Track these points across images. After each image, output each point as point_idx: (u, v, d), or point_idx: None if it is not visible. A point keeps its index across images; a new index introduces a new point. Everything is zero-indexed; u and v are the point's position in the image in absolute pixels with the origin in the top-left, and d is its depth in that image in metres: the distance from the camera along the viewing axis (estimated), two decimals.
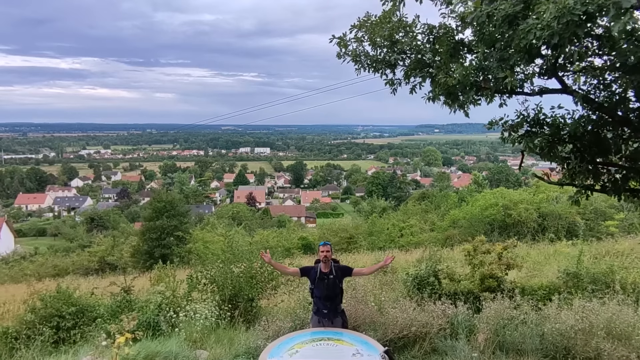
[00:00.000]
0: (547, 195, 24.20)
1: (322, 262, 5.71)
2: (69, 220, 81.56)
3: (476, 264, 7.20)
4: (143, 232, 26.65)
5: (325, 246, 5.81)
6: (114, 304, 7.32)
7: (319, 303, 5.75)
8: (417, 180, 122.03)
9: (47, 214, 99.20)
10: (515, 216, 23.28)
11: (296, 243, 26.66)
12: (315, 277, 5.70)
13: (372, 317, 6.32)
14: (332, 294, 5.70)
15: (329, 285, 5.68)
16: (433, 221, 31.03)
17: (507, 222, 23.84)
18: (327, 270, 5.72)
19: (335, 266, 5.80)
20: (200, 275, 7.52)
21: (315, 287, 5.75)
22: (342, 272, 5.81)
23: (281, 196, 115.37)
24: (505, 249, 7.26)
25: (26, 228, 79.35)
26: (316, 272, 5.73)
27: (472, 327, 6.07)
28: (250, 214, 59.62)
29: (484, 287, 6.89)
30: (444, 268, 7.45)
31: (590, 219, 25.28)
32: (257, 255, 7.58)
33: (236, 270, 7.32)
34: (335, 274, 5.72)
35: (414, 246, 23.60)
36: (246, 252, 7.79)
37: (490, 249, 7.25)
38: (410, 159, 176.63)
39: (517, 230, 23.59)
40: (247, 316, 6.94)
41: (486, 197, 25.21)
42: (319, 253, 5.79)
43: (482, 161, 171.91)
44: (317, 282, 5.70)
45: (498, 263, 7.03)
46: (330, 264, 5.75)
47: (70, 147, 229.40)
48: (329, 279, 5.68)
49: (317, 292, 5.74)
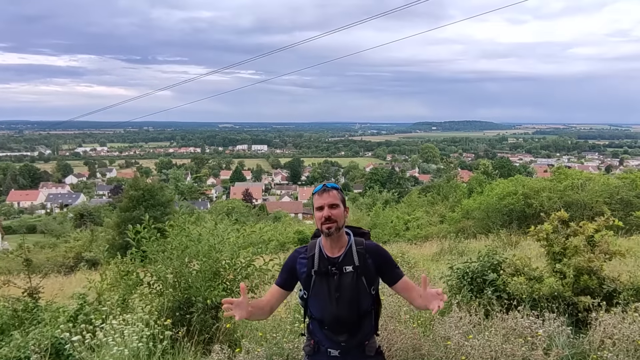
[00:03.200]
0: (572, 183, 21.74)
1: (325, 234, 2.62)
2: (60, 217, 79.56)
3: (557, 253, 4.71)
4: (118, 224, 23.35)
5: (327, 194, 2.63)
6: (4, 314, 4.84)
7: (319, 333, 2.71)
8: (415, 176, 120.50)
9: (40, 211, 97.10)
10: (536, 206, 20.81)
11: (292, 237, 24.40)
12: (310, 271, 2.66)
13: (415, 344, 3.69)
14: (351, 311, 2.63)
15: (344, 289, 2.61)
16: (441, 213, 28.67)
17: (527, 213, 21.41)
18: (338, 253, 2.65)
19: (361, 247, 2.66)
20: (147, 271, 5.06)
21: (311, 294, 2.70)
22: (378, 263, 2.67)
23: (278, 193, 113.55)
24: (597, 230, 4.80)
25: (16, 225, 77.57)
26: (312, 260, 2.68)
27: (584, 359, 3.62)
28: (246, 209, 57.98)
29: (579, 287, 4.44)
30: (510, 259, 4.94)
31: (616, 209, 22.95)
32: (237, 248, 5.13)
33: (197, 264, 4.84)
34: (360, 264, 2.62)
35: (422, 239, 21.31)
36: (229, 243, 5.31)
37: (578, 230, 4.76)
38: (408, 156, 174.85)
39: (538, 222, 21.15)
40: (203, 335, 4.41)
41: (503, 185, 22.77)
42: (314, 214, 2.69)
43: (481, 158, 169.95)
44: (314, 283, 2.66)
45: (590, 251, 4.59)
46: (347, 239, 2.69)
47: (66, 145, 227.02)
48: (342, 275, 2.61)
49: (316, 308, 2.71)
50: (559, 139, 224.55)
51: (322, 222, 2.60)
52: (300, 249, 2.86)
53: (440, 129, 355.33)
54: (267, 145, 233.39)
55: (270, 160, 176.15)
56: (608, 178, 24.56)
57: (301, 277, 2.72)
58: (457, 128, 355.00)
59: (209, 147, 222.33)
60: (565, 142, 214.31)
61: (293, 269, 2.77)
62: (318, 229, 2.70)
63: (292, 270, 2.77)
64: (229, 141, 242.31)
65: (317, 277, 2.66)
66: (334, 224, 2.58)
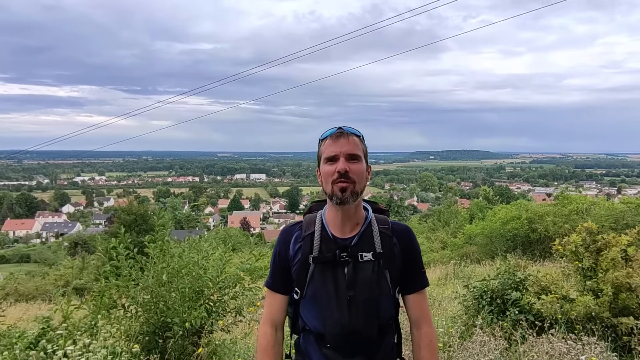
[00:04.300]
0: (577, 207, 21.19)
1: (336, 201, 1.74)
2: (54, 245, 78.63)
3: (587, 269, 4.12)
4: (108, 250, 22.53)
5: (344, 139, 1.76)
6: None
7: (316, 355, 1.82)
8: (414, 205, 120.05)
9: (35, 240, 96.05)
10: (541, 231, 20.22)
11: None
12: (306, 258, 1.79)
13: None
14: (368, 321, 1.76)
15: (359, 287, 1.75)
16: (443, 239, 27.98)
17: (532, 238, 20.80)
18: (350, 233, 1.81)
19: (386, 227, 1.84)
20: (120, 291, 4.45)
21: (306, 294, 1.82)
22: (406, 254, 1.86)
23: (276, 221, 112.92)
24: (630, 243, 4.22)
25: (10, 254, 76.68)
26: (309, 241, 1.81)
27: None
28: (243, 238, 57.32)
29: (617, 307, 3.84)
30: (535, 275, 4.32)
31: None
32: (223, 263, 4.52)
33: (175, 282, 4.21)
34: (385, 251, 1.78)
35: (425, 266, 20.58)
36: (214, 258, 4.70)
37: (610, 242, 4.19)
38: (407, 184, 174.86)
39: (543, 248, 20.60)
40: None
41: (506, 210, 22.19)
42: (321, 169, 1.81)
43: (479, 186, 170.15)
44: (312, 276, 1.79)
45: (625, 266, 4.02)
46: (365, 214, 1.87)
47: (64, 174, 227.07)
48: (356, 265, 1.76)
49: (313, 316, 1.81)
50: (556, 168, 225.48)
51: (333, 180, 1.73)
52: (292, 226, 1.95)
53: (437, 158, 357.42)
54: (265, 174, 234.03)
55: (268, 189, 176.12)
56: (613, 203, 24.08)
57: (292, 267, 1.84)
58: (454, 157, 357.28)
59: (207, 176, 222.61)
60: (562, 171, 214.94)
61: (286, 259, 1.87)
62: (324, 192, 1.83)
63: (286, 261, 1.87)
64: (227, 170, 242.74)
65: (317, 267, 1.77)
66: (350, 185, 1.72)
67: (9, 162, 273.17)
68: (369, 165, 1.84)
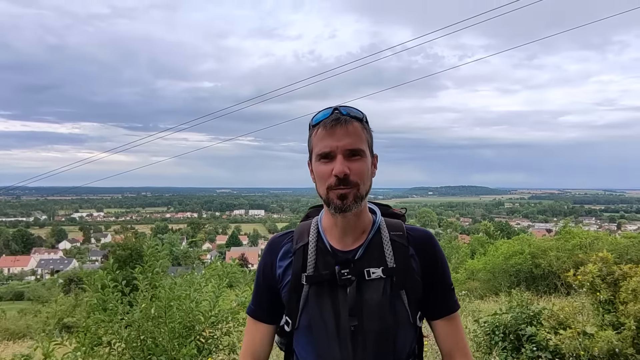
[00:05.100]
0: (580, 241, 20.88)
1: (335, 208, 1.36)
2: (49, 282, 77.61)
3: (605, 302, 3.86)
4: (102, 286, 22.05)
5: (341, 128, 1.34)
6: None
7: None
8: None
9: (29, 277, 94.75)
10: (544, 266, 19.85)
11: None
12: (299, 278, 1.41)
13: None
14: (375, 357, 1.34)
15: (367, 313, 1.34)
16: None
17: (535, 273, 20.40)
18: (353, 244, 1.42)
19: (399, 235, 1.44)
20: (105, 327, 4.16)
21: (299, 324, 1.42)
22: (428, 269, 1.43)
23: None
24: None
25: (3, 291, 75.60)
26: (302, 255, 1.44)
27: None
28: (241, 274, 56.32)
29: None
30: (550, 309, 4.05)
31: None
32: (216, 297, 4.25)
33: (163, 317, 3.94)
34: (399, 266, 1.37)
35: None
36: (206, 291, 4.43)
37: (628, 273, 3.94)
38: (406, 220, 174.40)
39: (546, 283, 20.18)
40: None
41: (509, 245, 21.85)
42: (314, 167, 1.41)
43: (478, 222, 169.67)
44: (306, 300, 1.40)
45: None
46: (372, 219, 1.49)
47: (62, 210, 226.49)
48: (362, 285, 1.36)
49: (309, 350, 1.40)
50: (555, 204, 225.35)
51: (330, 186, 1.36)
52: (280, 236, 1.56)
53: (436, 194, 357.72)
54: (264, 210, 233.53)
55: (267, 225, 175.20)
56: (615, 237, 23.80)
57: (281, 290, 1.47)
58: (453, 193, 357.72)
59: (206, 212, 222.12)
60: (561, 207, 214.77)
61: (272, 278, 1.49)
62: (318, 194, 1.42)
63: (273, 281, 1.49)
64: (226, 206, 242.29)
65: (312, 289, 1.39)
66: (352, 191, 1.34)
67: (7, 198, 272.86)
68: (374, 155, 1.47)
